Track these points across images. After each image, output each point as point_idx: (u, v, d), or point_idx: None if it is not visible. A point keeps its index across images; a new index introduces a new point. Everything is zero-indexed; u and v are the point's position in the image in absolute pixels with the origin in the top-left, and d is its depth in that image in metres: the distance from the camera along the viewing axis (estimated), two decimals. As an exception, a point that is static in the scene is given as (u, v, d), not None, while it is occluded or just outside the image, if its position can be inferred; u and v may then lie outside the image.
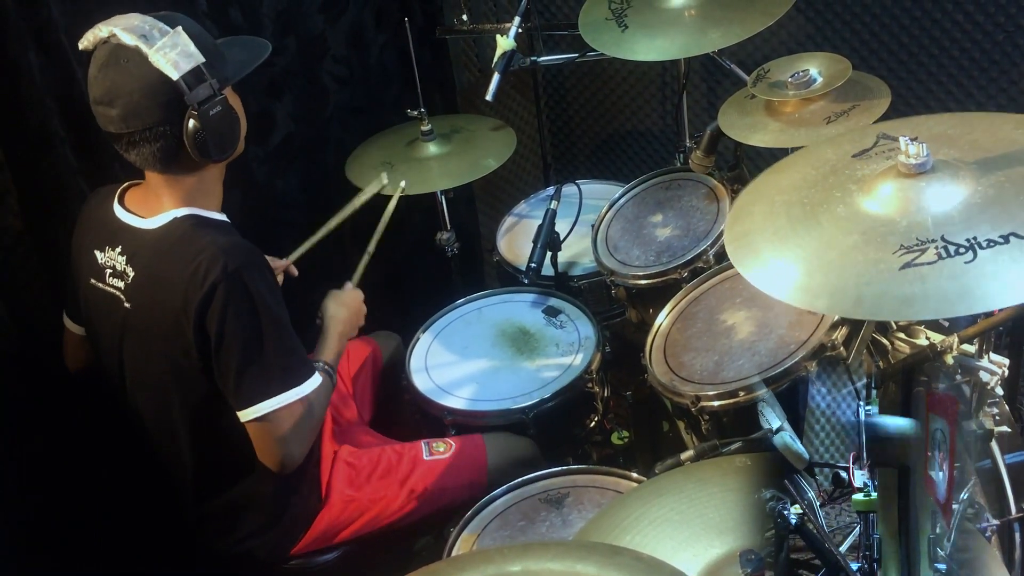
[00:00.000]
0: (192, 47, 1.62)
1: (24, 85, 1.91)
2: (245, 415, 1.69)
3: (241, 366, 1.66)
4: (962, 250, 1.24)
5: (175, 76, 1.60)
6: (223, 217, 1.81)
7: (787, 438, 1.59)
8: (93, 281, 1.79)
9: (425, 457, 2.04)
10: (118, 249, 1.75)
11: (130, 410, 1.86)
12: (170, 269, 1.67)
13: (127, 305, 1.74)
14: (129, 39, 1.59)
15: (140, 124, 1.63)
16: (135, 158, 1.69)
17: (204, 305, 1.63)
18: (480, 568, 1.11)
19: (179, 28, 1.62)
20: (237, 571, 1.96)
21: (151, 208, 1.75)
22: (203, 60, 1.63)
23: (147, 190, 1.77)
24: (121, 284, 1.75)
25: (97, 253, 1.78)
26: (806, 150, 1.66)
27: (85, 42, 1.65)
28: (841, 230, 1.36)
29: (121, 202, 1.79)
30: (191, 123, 1.63)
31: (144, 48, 1.59)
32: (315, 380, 1.75)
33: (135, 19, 1.62)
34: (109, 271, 1.76)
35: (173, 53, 1.59)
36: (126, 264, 1.74)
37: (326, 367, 1.88)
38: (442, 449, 2.06)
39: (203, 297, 1.63)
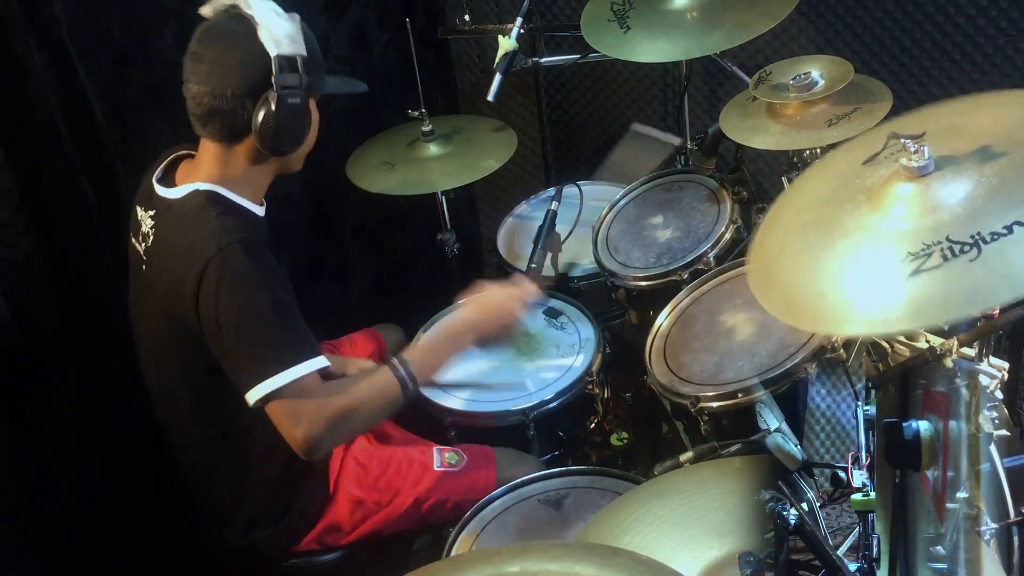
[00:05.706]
0: (301, 39, 1.65)
1: (29, 84, 1.91)
2: (249, 398, 1.63)
3: (237, 346, 1.62)
4: (966, 248, 1.21)
5: (273, 52, 1.61)
6: (254, 208, 1.79)
7: (779, 439, 1.59)
8: (131, 236, 1.82)
9: (436, 467, 2.02)
10: (151, 212, 1.77)
11: (143, 377, 1.86)
12: (175, 240, 1.68)
13: (144, 268, 1.76)
14: (248, 9, 1.63)
15: (219, 84, 1.64)
16: (200, 122, 1.68)
17: (199, 281, 1.61)
18: (479, 568, 1.11)
19: (297, 17, 1.66)
20: (241, 565, 1.96)
21: (184, 179, 1.75)
22: (305, 55, 1.65)
23: (193, 163, 1.78)
24: (143, 246, 1.77)
25: (138, 208, 1.81)
26: (821, 163, 1.62)
27: (207, 9, 1.67)
28: (854, 245, 1.33)
29: (167, 171, 1.80)
30: (265, 105, 1.63)
31: (257, 19, 1.62)
32: (316, 362, 1.66)
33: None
34: (141, 230, 1.78)
35: (281, 34, 1.62)
36: (151, 228, 1.75)
37: (399, 365, 1.78)
38: (454, 461, 2.04)
39: (198, 272, 1.61)
